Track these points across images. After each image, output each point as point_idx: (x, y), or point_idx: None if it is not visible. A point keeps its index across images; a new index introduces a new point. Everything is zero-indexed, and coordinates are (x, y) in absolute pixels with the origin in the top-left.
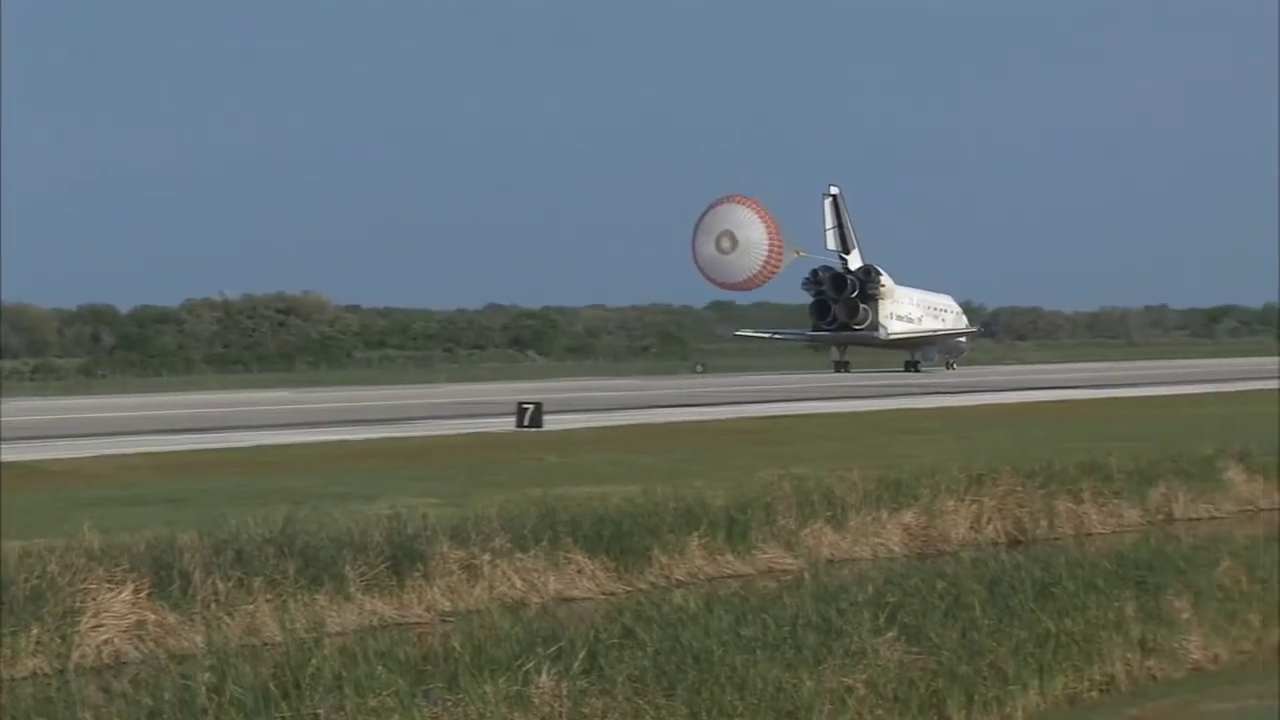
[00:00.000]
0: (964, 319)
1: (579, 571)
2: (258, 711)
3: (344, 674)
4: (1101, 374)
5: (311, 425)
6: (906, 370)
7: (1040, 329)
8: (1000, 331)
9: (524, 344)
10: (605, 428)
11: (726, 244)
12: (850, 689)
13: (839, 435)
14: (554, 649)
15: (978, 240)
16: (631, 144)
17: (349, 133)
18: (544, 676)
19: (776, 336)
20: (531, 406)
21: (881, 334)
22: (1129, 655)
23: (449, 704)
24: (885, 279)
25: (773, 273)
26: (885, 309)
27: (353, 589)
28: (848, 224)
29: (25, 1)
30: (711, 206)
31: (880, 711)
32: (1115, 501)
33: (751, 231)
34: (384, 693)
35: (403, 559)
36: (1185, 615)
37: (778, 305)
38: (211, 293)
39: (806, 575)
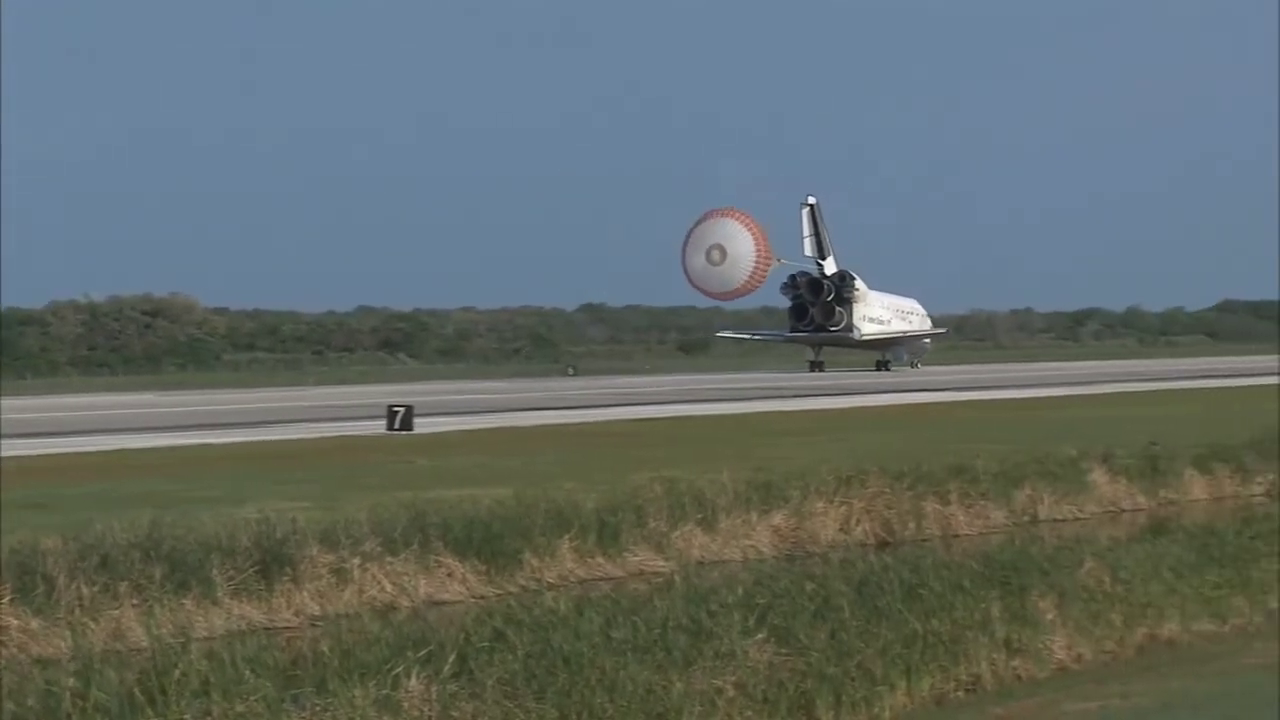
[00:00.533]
0: (928, 321)
1: (449, 575)
2: (123, 717)
3: (211, 679)
4: (969, 377)
5: (179, 429)
6: (878, 369)
7: None
8: None
9: (394, 346)
10: (476, 430)
11: (717, 256)
12: (720, 691)
13: (712, 438)
14: (424, 652)
15: (848, 241)
16: (486, 144)
17: (213, 130)
18: (413, 680)
19: (755, 337)
20: (402, 409)
21: (855, 335)
22: (994, 655)
23: (317, 709)
24: (859, 284)
25: (760, 281)
26: (858, 312)
27: (220, 593)
28: (824, 232)
29: None
30: (701, 220)
31: (749, 713)
32: (982, 503)
33: (740, 243)
34: (252, 698)
35: (271, 563)
36: (1050, 615)
37: (648, 309)
38: (77, 294)
39: (677, 577)
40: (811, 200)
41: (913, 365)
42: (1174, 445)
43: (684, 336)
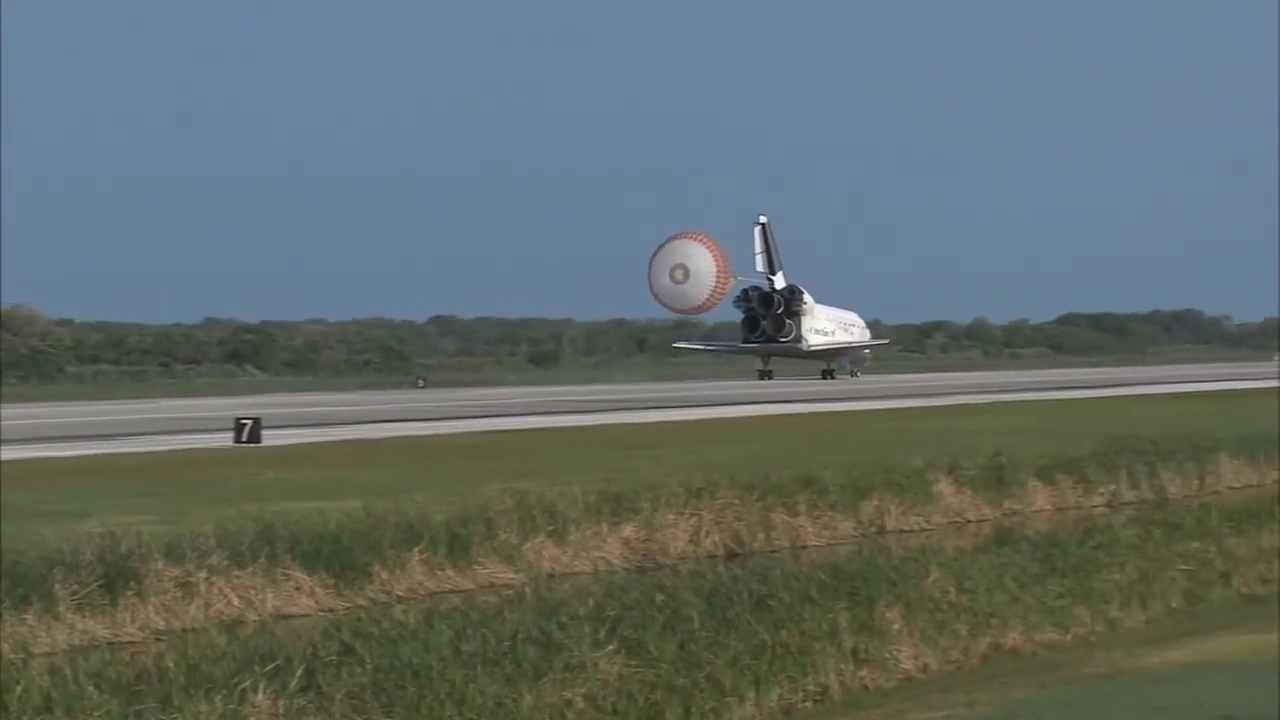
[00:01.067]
0: (867, 333)
1: (297, 588)
2: None
3: (54, 695)
4: (817, 389)
5: (21, 441)
6: (823, 377)
7: None
8: None
9: (242, 359)
10: (325, 443)
11: (680, 275)
12: (570, 703)
13: (563, 450)
14: (271, 667)
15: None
16: (332, 149)
17: (52, 132)
18: (260, 694)
19: (710, 348)
20: (250, 422)
21: (804, 346)
22: (842, 666)
23: None
24: (807, 297)
25: (720, 297)
26: (806, 324)
27: (63, 608)
28: (774, 248)
29: None
30: (665, 242)
31: None
32: (830, 514)
33: (701, 263)
34: (95, 714)
35: (116, 578)
36: (896, 626)
37: (499, 321)
38: None
39: (527, 590)
40: (763, 219)
41: (853, 373)
42: (1018, 456)
43: (534, 348)
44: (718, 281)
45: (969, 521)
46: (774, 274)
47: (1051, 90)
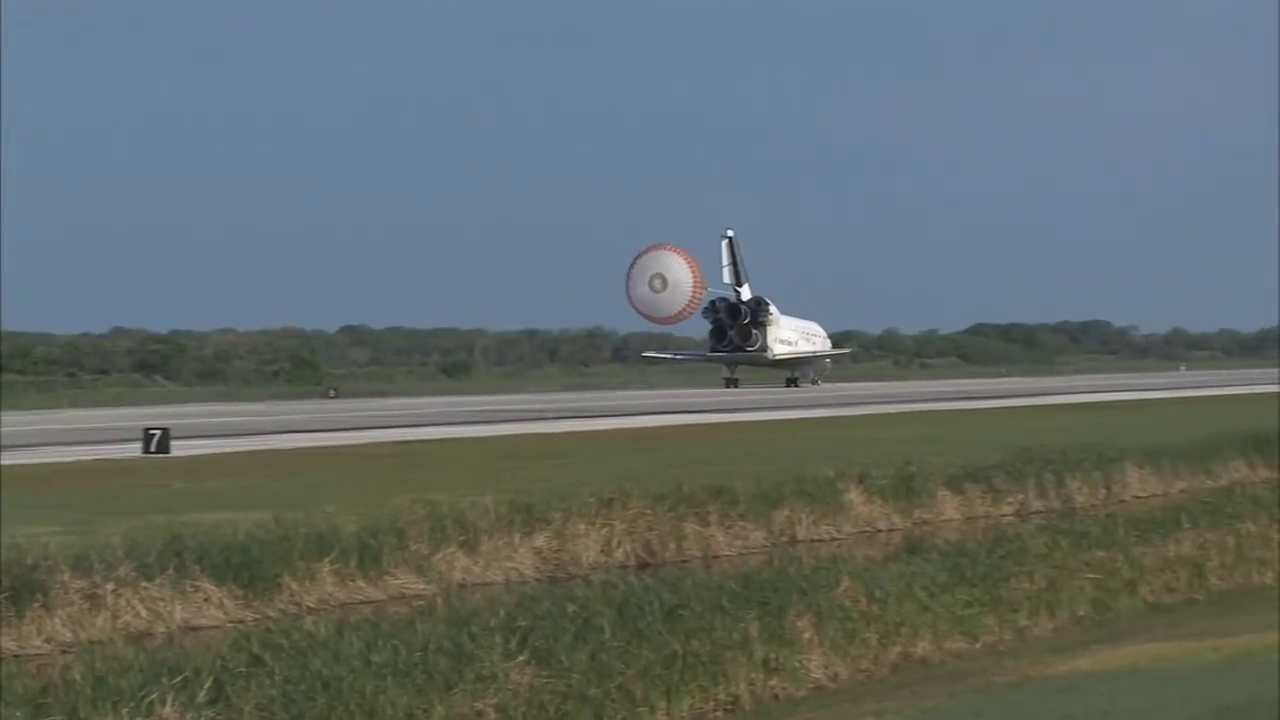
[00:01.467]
0: (828, 343)
1: (206, 600)
2: None
3: None
4: (730, 399)
5: None
6: (787, 385)
7: None
8: (630, 356)
9: (150, 369)
10: (235, 453)
11: (658, 284)
12: (480, 713)
13: (475, 460)
14: (179, 679)
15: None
16: (239, 153)
17: None
18: (168, 707)
19: (678, 357)
20: (158, 432)
21: (769, 355)
22: (753, 675)
23: None
24: (773, 308)
25: (695, 307)
26: (772, 334)
27: None
28: (741, 261)
29: None
30: (643, 253)
31: None
32: (741, 524)
33: (679, 274)
34: None
35: (21, 589)
36: (807, 635)
37: (409, 330)
38: None
39: (439, 600)
40: (730, 233)
41: (814, 381)
42: (928, 466)
43: (445, 359)
44: (694, 292)
45: (879, 531)
46: (740, 285)
47: (956, 102)
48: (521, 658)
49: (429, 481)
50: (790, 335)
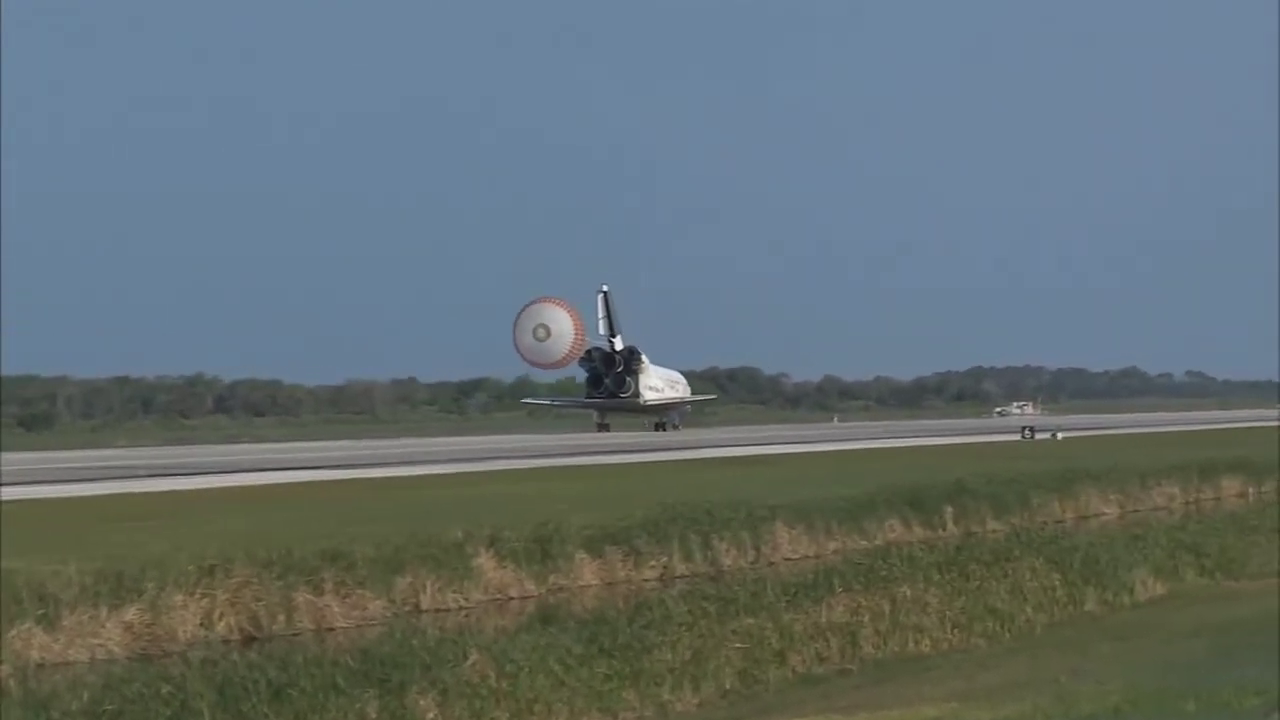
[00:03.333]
0: (689, 390)
1: None
2: None
3: None
4: (346, 453)
5: None
6: (656, 430)
7: (280, 404)
8: (236, 408)
9: None
10: None
11: (542, 334)
12: None
13: (57, 523)
14: None
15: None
16: None
17: None
18: None
19: (556, 404)
20: None
21: (642, 401)
22: None
23: None
24: (644, 358)
25: (576, 354)
26: (643, 381)
27: None
28: (615, 314)
29: None
30: (528, 305)
31: None
32: (360, 592)
33: (561, 324)
34: None
35: None
36: (430, 715)
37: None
38: None
39: (12, 683)
40: (605, 288)
41: (674, 426)
42: (565, 526)
43: (25, 410)
44: (575, 341)
45: (512, 598)
46: (614, 336)
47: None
48: None
49: (13, 547)
50: (658, 383)
